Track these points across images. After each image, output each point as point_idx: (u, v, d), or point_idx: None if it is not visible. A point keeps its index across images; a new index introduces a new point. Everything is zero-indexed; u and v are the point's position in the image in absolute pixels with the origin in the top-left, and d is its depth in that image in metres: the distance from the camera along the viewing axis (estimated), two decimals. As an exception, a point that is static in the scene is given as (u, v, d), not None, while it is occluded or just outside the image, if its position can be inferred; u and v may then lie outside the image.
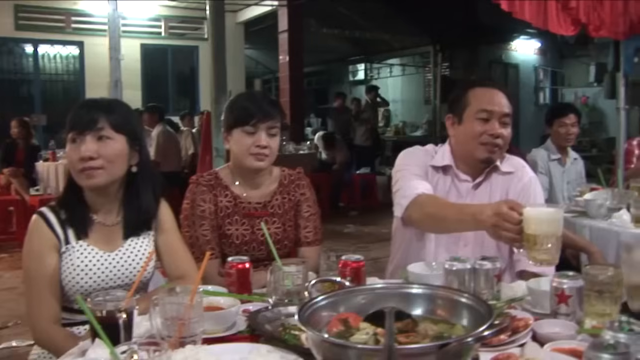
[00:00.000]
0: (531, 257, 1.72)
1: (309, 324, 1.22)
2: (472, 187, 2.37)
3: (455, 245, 2.30)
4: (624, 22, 5.04)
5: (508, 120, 2.31)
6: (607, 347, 1.13)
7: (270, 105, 2.38)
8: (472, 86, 2.38)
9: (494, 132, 2.27)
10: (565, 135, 4.50)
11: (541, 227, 1.68)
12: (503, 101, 2.32)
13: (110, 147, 1.91)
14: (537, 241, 1.68)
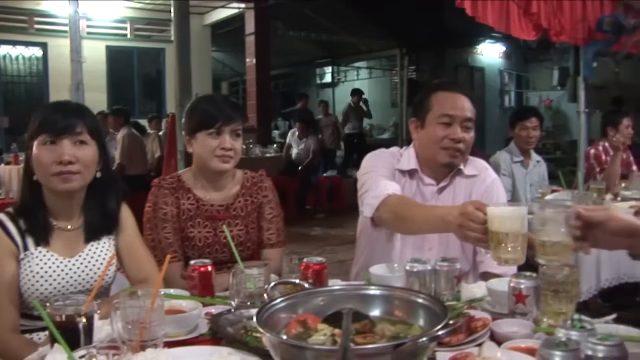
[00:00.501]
0: (496, 256, 1.71)
1: (268, 326, 1.23)
2: (437, 191, 2.39)
3: (420, 249, 2.31)
4: (583, 29, 5.15)
5: (470, 124, 2.32)
6: (559, 344, 1.16)
7: (232, 108, 2.39)
8: (435, 90, 2.39)
9: (456, 137, 2.28)
10: (527, 138, 4.58)
11: (504, 225, 1.67)
12: (465, 105, 2.33)
13: (87, 152, 1.92)
14: (501, 240, 1.68)
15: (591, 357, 1.16)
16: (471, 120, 2.33)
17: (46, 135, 1.88)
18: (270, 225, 2.46)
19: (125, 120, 8.33)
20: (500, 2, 4.56)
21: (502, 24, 4.62)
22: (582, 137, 5.73)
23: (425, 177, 2.40)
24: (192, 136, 2.36)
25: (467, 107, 2.33)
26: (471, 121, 2.32)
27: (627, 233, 1.56)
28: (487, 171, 2.48)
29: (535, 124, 4.59)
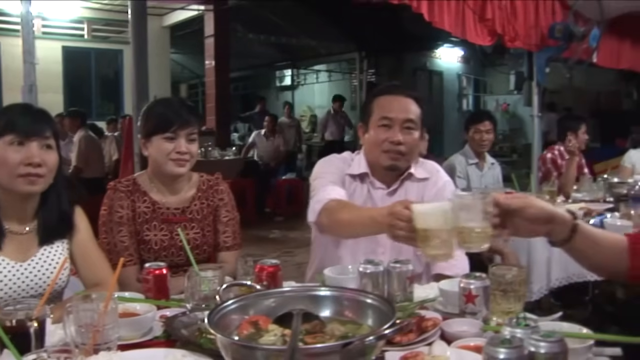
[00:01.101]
0: (426, 253, 1.72)
1: (219, 328, 1.25)
2: (387, 194, 2.41)
3: (373, 252, 2.32)
4: (536, 35, 5.27)
5: (412, 125, 2.34)
6: (504, 341, 1.20)
7: (188, 111, 2.39)
8: (377, 95, 2.42)
9: (394, 139, 2.30)
10: (480, 141, 4.66)
11: (427, 221, 1.68)
12: (406, 107, 2.35)
13: (52, 156, 1.93)
14: (427, 236, 1.68)
15: (534, 354, 1.20)
16: (412, 122, 2.34)
17: (14, 135, 1.87)
18: (226, 228, 2.47)
19: (82, 122, 8.21)
20: (456, 8, 4.64)
21: (459, 29, 4.70)
22: (535, 140, 5.86)
23: (375, 180, 2.43)
24: (148, 139, 2.35)
25: (408, 108, 2.34)
26: (412, 122, 2.34)
27: (545, 220, 1.62)
28: (439, 174, 2.52)
29: (488, 128, 4.67)
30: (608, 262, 1.73)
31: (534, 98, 5.63)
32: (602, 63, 6.37)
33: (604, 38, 5.90)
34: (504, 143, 16.14)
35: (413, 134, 2.34)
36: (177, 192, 2.43)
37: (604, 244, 1.72)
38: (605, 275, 1.85)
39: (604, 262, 1.74)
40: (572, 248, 1.68)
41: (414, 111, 2.35)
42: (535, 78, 5.56)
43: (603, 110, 14.40)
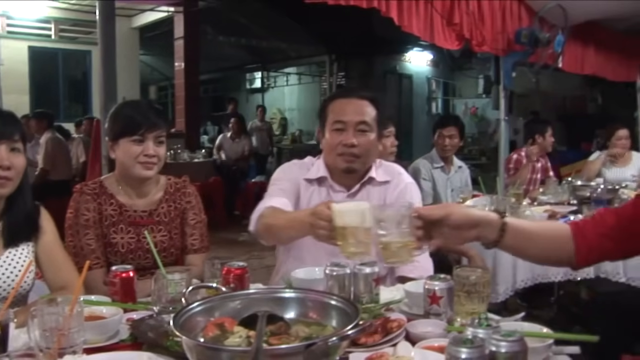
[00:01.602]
0: (344, 251, 1.77)
1: (185, 330, 1.26)
2: (347, 197, 2.42)
3: (335, 255, 2.33)
4: (503, 40, 5.35)
5: (365, 127, 2.35)
6: (465, 342, 1.23)
7: (156, 114, 2.39)
8: (332, 98, 2.45)
9: (347, 142, 2.32)
10: (442, 146, 4.72)
11: (345, 220, 1.74)
12: (360, 109, 2.36)
13: (21, 160, 1.94)
14: (345, 234, 1.74)
15: (494, 353, 1.23)
16: (366, 124, 2.35)
17: None
18: (193, 230, 2.47)
19: (49, 124, 8.11)
20: (425, 13, 4.68)
21: (427, 34, 4.74)
22: (502, 143, 5.92)
23: (335, 184, 2.44)
24: (115, 142, 2.34)
25: (362, 111, 2.36)
26: (366, 124, 2.35)
27: (469, 225, 1.65)
28: (401, 176, 2.53)
29: (452, 133, 4.72)
30: (551, 252, 1.77)
31: (501, 102, 5.70)
32: (567, 68, 6.49)
33: (569, 44, 6.01)
34: (473, 146, 16.31)
35: (367, 136, 2.35)
36: (145, 195, 2.42)
37: (541, 235, 1.76)
38: (553, 263, 1.89)
39: (546, 253, 1.78)
40: (506, 246, 1.72)
41: (368, 113, 2.37)
42: (502, 82, 5.63)
43: (569, 115, 14.65)
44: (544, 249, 1.77)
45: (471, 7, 5.00)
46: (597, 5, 5.75)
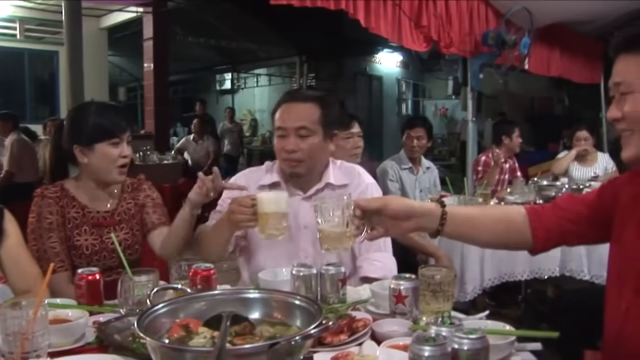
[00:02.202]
0: (264, 233, 2.05)
1: (149, 331, 1.26)
2: (303, 199, 2.41)
3: (295, 257, 2.33)
4: (470, 42, 5.42)
5: (306, 132, 2.32)
6: (428, 340, 1.25)
7: (124, 114, 2.43)
8: (280, 103, 2.42)
9: (288, 148, 2.31)
10: (410, 147, 4.75)
11: (269, 206, 2.02)
12: (300, 114, 2.33)
13: None
14: (268, 219, 2.02)
15: (457, 350, 1.25)
16: (306, 128, 2.32)
17: None
18: (155, 209, 2.51)
19: (14, 125, 7.96)
20: (392, 15, 4.72)
21: (395, 36, 4.78)
22: (470, 144, 6.00)
23: (292, 187, 2.41)
24: (89, 147, 2.31)
25: (302, 115, 2.33)
26: (306, 129, 2.32)
27: (405, 214, 1.68)
28: (361, 177, 2.51)
29: (419, 134, 4.75)
30: (506, 236, 1.80)
31: (469, 103, 5.77)
32: (533, 70, 6.61)
33: (535, 46, 6.12)
34: (443, 147, 16.45)
35: (309, 139, 2.32)
36: (105, 197, 2.44)
37: (489, 220, 1.80)
38: (511, 247, 1.92)
39: (500, 237, 1.81)
40: (450, 234, 1.75)
41: (309, 116, 2.33)
42: (470, 83, 5.71)
43: (537, 116, 14.86)
44: (497, 234, 1.80)
45: (439, 9, 5.06)
46: (561, 8, 5.87)
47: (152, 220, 2.49)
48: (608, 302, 1.64)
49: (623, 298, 1.55)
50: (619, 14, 6.32)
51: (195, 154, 9.95)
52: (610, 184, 1.77)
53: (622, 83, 1.51)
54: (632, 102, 1.49)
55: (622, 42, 1.53)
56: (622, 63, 1.52)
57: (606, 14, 6.35)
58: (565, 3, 5.77)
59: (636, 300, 1.51)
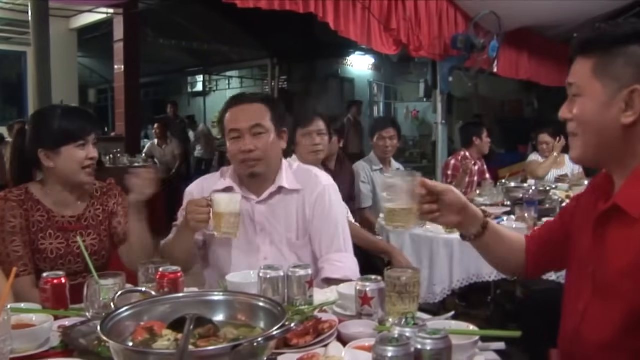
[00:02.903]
0: (218, 232, 2.17)
1: (113, 335, 1.25)
2: (258, 203, 2.42)
3: (256, 260, 2.36)
4: (440, 45, 5.48)
5: (261, 129, 2.35)
6: (391, 340, 1.26)
7: (90, 116, 2.43)
8: (227, 107, 2.43)
9: (245, 148, 2.31)
10: (383, 147, 4.79)
11: (222, 207, 2.14)
12: (252, 113, 2.36)
13: None
14: (222, 218, 2.14)
15: (420, 350, 1.27)
16: (261, 126, 2.35)
17: None
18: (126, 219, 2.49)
19: (-21, 127, 7.86)
20: (362, 18, 4.75)
21: (364, 39, 4.82)
22: (440, 146, 6.06)
23: (246, 191, 2.42)
24: (55, 151, 2.30)
25: (254, 114, 2.36)
26: (261, 126, 2.35)
27: (457, 208, 1.73)
28: (318, 179, 2.50)
29: (391, 134, 4.79)
30: (511, 259, 1.88)
31: (438, 106, 5.83)
32: (502, 73, 6.69)
33: (503, 50, 6.20)
34: (414, 149, 16.52)
35: (265, 137, 2.35)
36: (73, 201, 2.41)
37: (507, 241, 1.87)
38: (508, 271, 1.99)
39: (507, 258, 1.89)
40: (483, 243, 1.82)
41: (261, 115, 2.36)
42: (439, 86, 5.76)
43: (507, 118, 15.00)
44: (508, 255, 1.88)
45: (408, 12, 5.10)
46: (529, 13, 5.96)
47: (124, 231, 2.48)
48: (566, 303, 1.68)
49: (581, 299, 1.59)
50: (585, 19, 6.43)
51: (162, 158, 9.91)
52: (572, 200, 1.87)
53: (574, 84, 1.56)
54: (580, 105, 1.54)
55: (577, 45, 1.57)
56: (577, 65, 1.56)
57: (573, 18, 6.45)
58: (532, 8, 5.86)
59: (593, 301, 1.55)
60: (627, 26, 1.49)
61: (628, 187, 1.50)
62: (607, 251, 1.53)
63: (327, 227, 2.43)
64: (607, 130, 1.49)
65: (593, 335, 1.53)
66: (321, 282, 2.33)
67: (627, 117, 1.47)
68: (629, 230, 1.45)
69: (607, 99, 1.48)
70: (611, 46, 1.48)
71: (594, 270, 1.55)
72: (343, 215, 2.55)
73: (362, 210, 4.60)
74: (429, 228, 3.69)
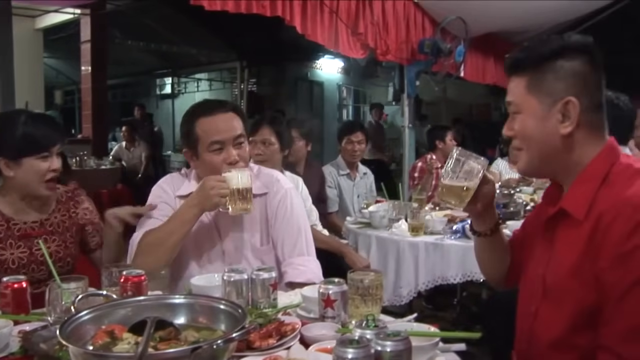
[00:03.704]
0: (234, 208, 2.19)
1: (73, 339, 1.25)
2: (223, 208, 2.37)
3: (222, 263, 2.36)
4: (407, 49, 5.52)
5: (242, 139, 2.35)
6: (351, 342, 1.28)
7: (56, 126, 2.35)
8: (197, 117, 2.35)
9: (231, 160, 2.30)
10: (352, 151, 4.81)
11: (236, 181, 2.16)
12: (231, 124, 2.33)
13: None
14: (237, 193, 2.17)
15: (380, 352, 1.29)
16: (242, 136, 2.35)
17: None
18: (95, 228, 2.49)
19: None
20: (329, 22, 4.77)
21: (332, 43, 4.83)
22: (407, 150, 6.10)
23: None
24: (16, 161, 2.23)
25: (233, 124, 2.33)
26: (242, 136, 2.35)
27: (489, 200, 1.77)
28: (279, 183, 2.51)
29: (360, 138, 4.82)
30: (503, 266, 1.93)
31: (405, 110, 5.87)
32: (468, 77, 6.77)
33: (470, 54, 6.27)
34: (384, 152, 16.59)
35: (245, 146, 2.37)
36: (37, 206, 2.36)
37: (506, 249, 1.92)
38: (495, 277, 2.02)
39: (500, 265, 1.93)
40: (490, 242, 1.87)
41: (239, 124, 2.35)
42: (406, 90, 5.81)
43: (475, 122, 15.16)
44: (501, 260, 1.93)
45: (376, 16, 5.13)
46: (495, 19, 6.04)
47: (94, 242, 2.48)
48: (520, 305, 1.73)
49: (533, 300, 1.64)
50: (550, 25, 6.54)
51: (130, 161, 9.85)
52: (534, 210, 1.96)
53: (512, 103, 1.62)
54: (520, 121, 1.60)
55: (510, 64, 1.63)
56: (512, 84, 1.62)
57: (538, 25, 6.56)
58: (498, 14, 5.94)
59: (543, 302, 1.60)
60: (554, 42, 1.55)
61: (573, 192, 1.56)
62: (555, 253, 1.59)
63: (290, 231, 2.43)
64: (549, 142, 1.56)
65: (544, 334, 1.57)
66: (285, 286, 2.33)
67: (564, 127, 1.53)
68: (575, 232, 1.51)
69: (544, 113, 1.55)
70: (540, 63, 1.55)
71: (544, 272, 1.61)
72: (305, 218, 2.55)
73: (329, 214, 4.62)
74: (395, 231, 3.73)
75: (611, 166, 1.52)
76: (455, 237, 3.58)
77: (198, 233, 2.37)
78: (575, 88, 1.52)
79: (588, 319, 1.46)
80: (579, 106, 1.51)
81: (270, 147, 3.68)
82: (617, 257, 1.38)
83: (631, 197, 1.41)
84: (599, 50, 1.55)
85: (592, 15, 6.67)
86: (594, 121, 1.55)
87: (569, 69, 1.52)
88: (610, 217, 1.41)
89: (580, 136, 1.54)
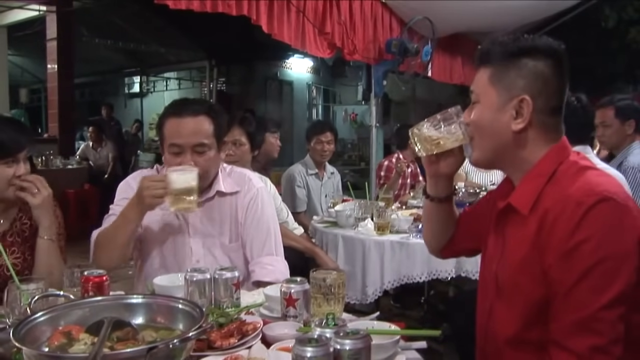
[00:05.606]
0: (176, 207, 2.17)
1: (27, 340, 1.24)
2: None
3: (189, 262, 2.35)
4: (374, 49, 5.54)
5: (203, 148, 2.30)
6: (310, 341, 1.28)
7: (23, 130, 2.27)
8: (167, 116, 2.35)
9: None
10: (321, 151, 4.83)
11: (178, 182, 2.13)
12: (195, 130, 2.29)
13: None
14: (178, 194, 2.14)
15: (339, 351, 1.29)
16: (203, 145, 2.30)
17: None
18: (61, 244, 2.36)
19: None
20: (296, 21, 4.76)
21: (298, 42, 4.82)
22: (374, 149, 6.12)
23: None
24: None
25: (197, 131, 2.29)
26: (203, 145, 2.30)
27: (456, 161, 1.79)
28: (251, 182, 2.51)
29: (329, 138, 4.84)
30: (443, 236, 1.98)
31: (372, 109, 5.90)
32: (436, 77, 6.82)
33: (437, 55, 6.32)
34: (353, 152, 16.66)
35: (206, 154, 2.31)
36: None
37: (455, 218, 1.97)
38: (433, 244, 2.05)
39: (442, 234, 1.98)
40: (440, 209, 1.92)
41: (204, 131, 2.31)
42: (374, 90, 5.83)
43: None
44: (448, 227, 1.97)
45: (343, 16, 5.14)
46: (461, 19, 6.09)
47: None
48: (478, 302, 1.76)
49: (487, 297, 1.67)
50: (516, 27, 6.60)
51: (97, 161, 9.76)
52: (487, 194, 1.99)
53: (474, 92, 1.67)
54: (477, 110, 1.64)
55: (479, 55, 1.66)
56: (478, 74, 1.66)
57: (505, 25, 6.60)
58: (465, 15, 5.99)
59: (497, 298, 1.63)
60: (526, 40, 1.58)
61: (520, 188, 1.60)
62: (505, 249, 1.62)
63: (259, 231, 2.45)
64: (500, 136, 1.59)
65: (499, 331, 1.60)
66: (252, 285, 2.34)
67: (516, 124, 1.56)
68: (523, 229, 1.54)
69: (500, 106, 1.58)
70: (507, 57, 1.58)
71: (496, 268, 1.64)
72: (275, 219, 2.56)
73: (297, 214, 4.62)
74: (361, 230, 3.75)
75: (559, 164, 1.55)
76: (421, 235, 3.60)
77: (167, 229, 2.40)
78: (533, 88, 1.55)
79: (539, 315, 1.49)
80: (533, 106, 1.54)
81: (241, 147, 3.69)
82: (562, 253, 1.41)
83: (574, 194, 1.44)
84: (567, 57, 1.58)
85: (557, 17, 6.77)
86: (548, 123, 1.58)
87: (531, 68, 1.55)
88: (555, 213, 1.45)
89: (532, 135, 1.57)
